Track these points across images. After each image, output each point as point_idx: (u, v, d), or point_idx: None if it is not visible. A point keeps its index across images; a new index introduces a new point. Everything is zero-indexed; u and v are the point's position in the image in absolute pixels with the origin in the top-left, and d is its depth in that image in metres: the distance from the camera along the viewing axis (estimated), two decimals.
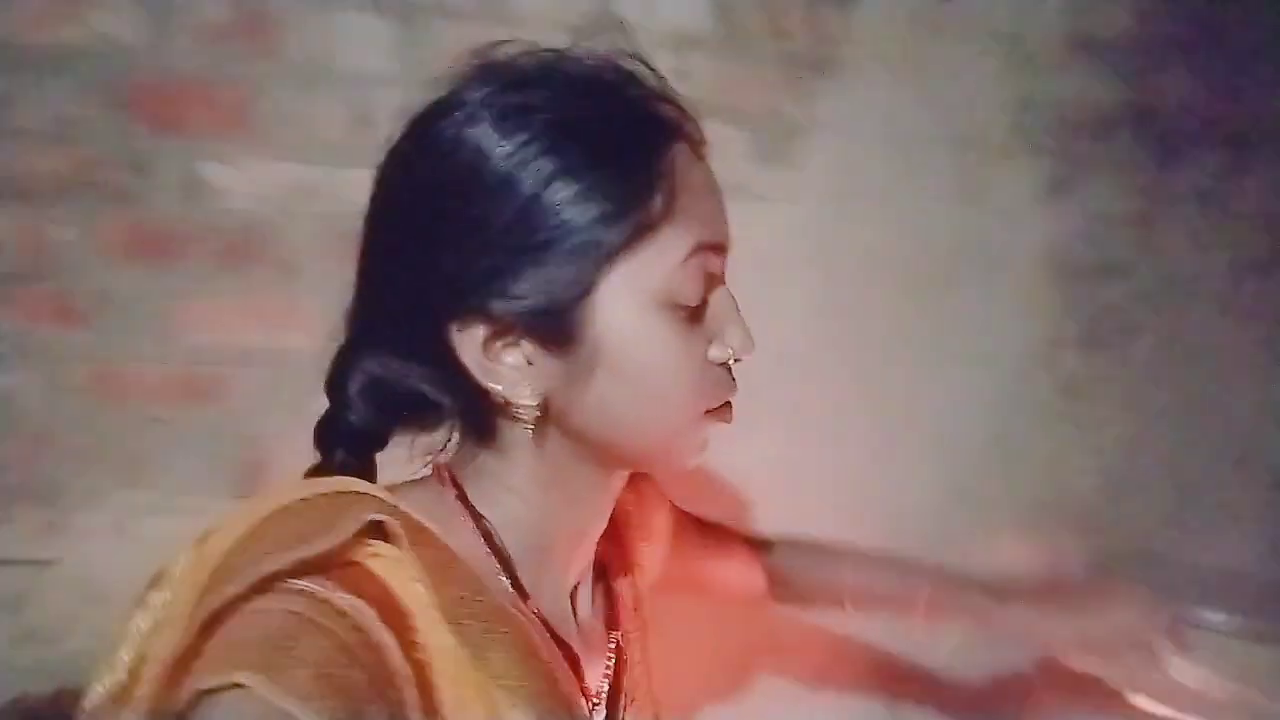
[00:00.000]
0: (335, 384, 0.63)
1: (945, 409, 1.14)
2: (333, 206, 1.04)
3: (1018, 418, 1.15)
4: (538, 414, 0.57)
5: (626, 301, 0.55)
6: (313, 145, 1.03)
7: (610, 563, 0.72)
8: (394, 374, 0.59)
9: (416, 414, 0.61)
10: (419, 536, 0.55)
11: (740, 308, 0.61)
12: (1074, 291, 1.14)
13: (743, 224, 1.09)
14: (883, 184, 1.11)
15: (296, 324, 1.04)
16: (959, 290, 1.13)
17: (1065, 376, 1.16)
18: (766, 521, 1.11)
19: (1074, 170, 1.12)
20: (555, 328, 0.55)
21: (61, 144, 1.00)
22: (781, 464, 1.11)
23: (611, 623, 0.69)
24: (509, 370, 0.56)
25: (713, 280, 0.59)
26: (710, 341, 0.59)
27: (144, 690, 0.50)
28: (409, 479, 0.64)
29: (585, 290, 0.54)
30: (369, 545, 0.54)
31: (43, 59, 0.99)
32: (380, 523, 0.54)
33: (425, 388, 0.58)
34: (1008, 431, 1.15)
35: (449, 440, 0.63)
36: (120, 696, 0.53)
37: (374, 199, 0.61)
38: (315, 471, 0.62)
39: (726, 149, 1.09)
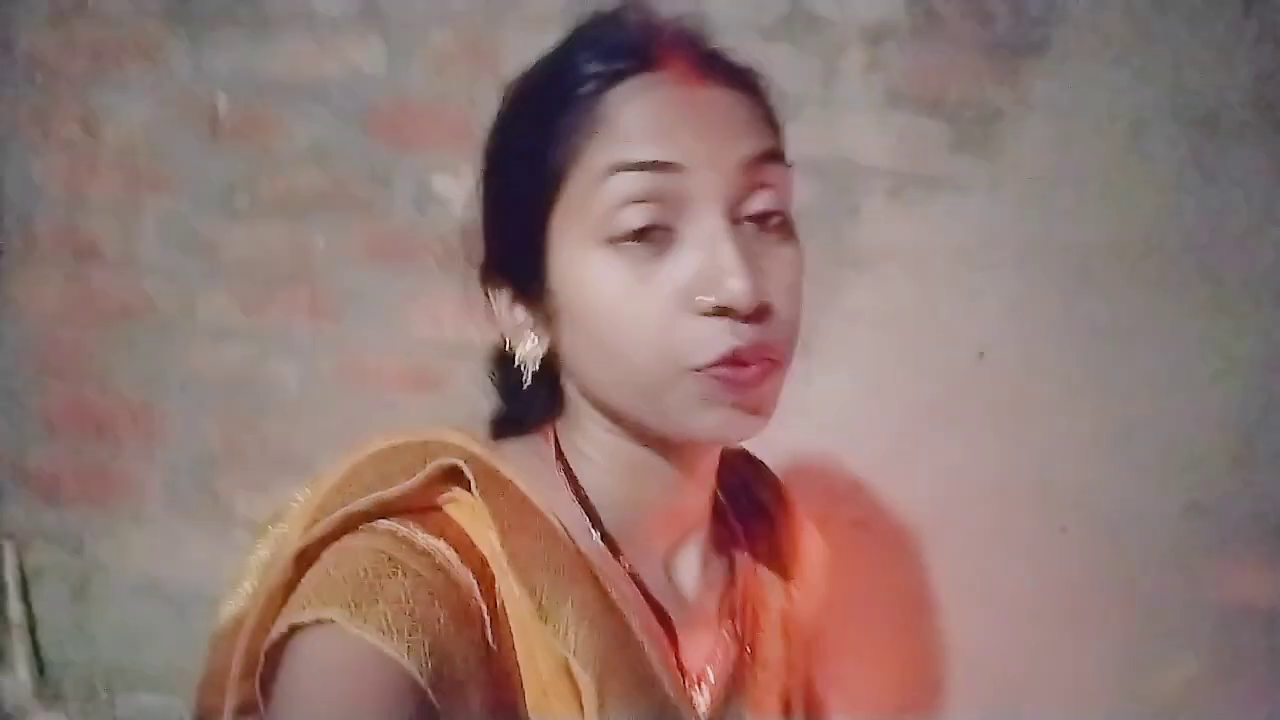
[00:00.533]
0: (496, 381, 0.68)
1: (1179, 416, 1.04)
2: None
3: (1263, 424, 1.03)
4: (534, 370, 0.59)
5: (569, 242, 0.55)
6: None
7: (751, 559, 0.69)
8: (514, 391, 0.63)
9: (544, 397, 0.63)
10: (494, 485, 0.55)
11: (741, 257, 0.53)
12: None
13: (941, 217, 1.09)
14: (1099, 170, 1.04)
15: None
16: (1190, 285, 1.03)
17: None
18: (973, 531, 1.06)
19: None
20: (524, 283, 0.58)
21: (317, 164, 1.16)
22: (983, 469, 1.06)
23: (731, 612, 0.66)
24: (514, 327, 0.59)
25: (671, 207, 0.53)
26: (698, 287, 0.53)
27: (246, 627, 0.52)
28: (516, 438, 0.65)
29: (536, 243, 0.56)
30: (449, 491, 0.55)
31: (303, 91, 1.15)
32: (462, 471, 0.55)
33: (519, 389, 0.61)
34: (1252, 440, 1.03)
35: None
36: (241, 622, 0.55)
37: None
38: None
39: (926, 140, 1.07)
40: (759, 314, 0.53)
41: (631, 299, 0.53)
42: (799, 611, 0.72)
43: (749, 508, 0.71)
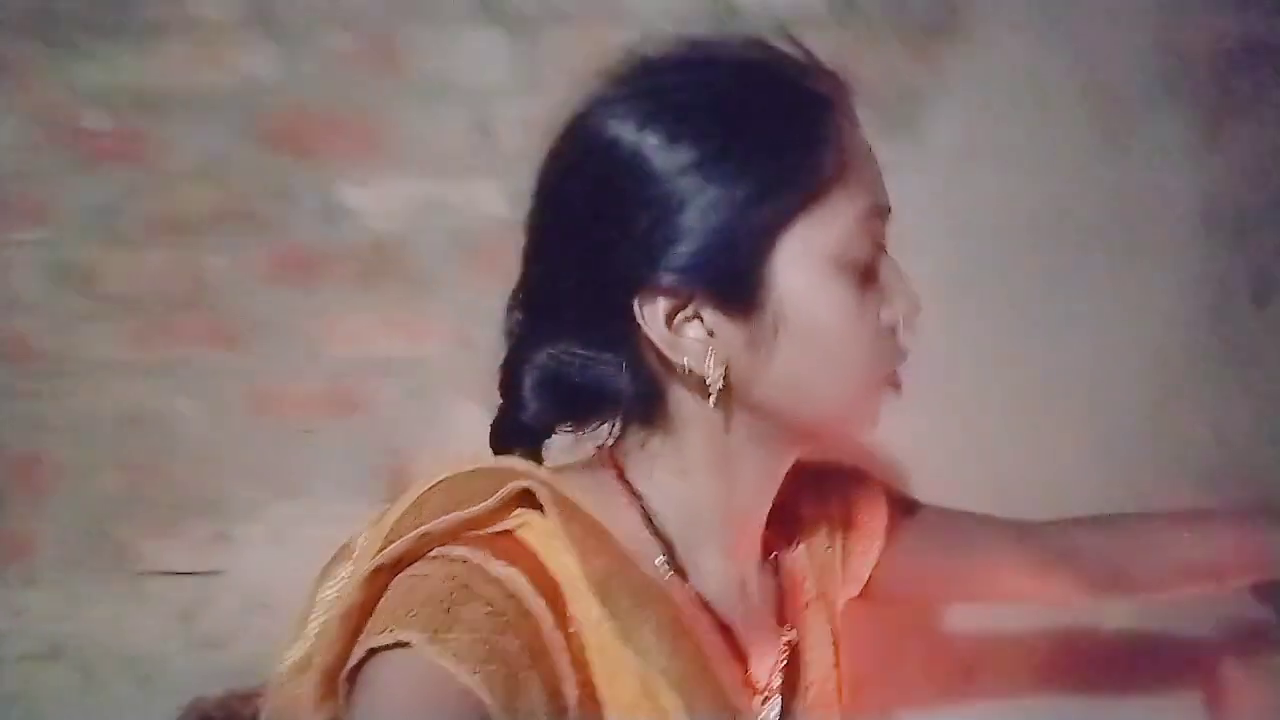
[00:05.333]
0: (509, 384, 0.63)
1: (1098, 376, 1.06)
2: (458, 220, 1.07)
3: (1178, 382, 1.06)
4: (722, 386, 0.57)
5: (804, 264, 0.56)
6: (437, 161, 1.07)
7: (790, 562, 0.71)
8: (570, 367, 0.60)
9: (586, 406, 0.62)
10: (568, 509, 0.56)
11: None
12: (1235, 243, 1.05)
13: None
14: (1018, 145, 1.06)
15: (429, 334, 1.07)
16: (1108, 250, 1.06)
17: (1229, 337, 1.06)
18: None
19: (1229, 113, 1.03)
20: (734, 295, 0.56)
21: (210, 180, 1.08)
22: (922, 438, 1.06)
23: (784, 618, 0.68)
24: (692, 343, 0.57)
25: (879, 244, 0.60)
26: (880, 306, 0.59)
27: (321, 657, 0.53)
28: (572, 462, 0.65)
29: (761, 256, 0.56)
30: (521, 516, 0.56)
31: (189, 103, 1.07)
32: (533, 495, 0.56)
33: (603, 374, 0.59)
34: (1167, 397, 1.07)
35: (612, 427, 0.64)
36: (306, 664, 0.56)
37: (538, 200, 0.63)
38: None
39: None
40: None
41: (857, 318, 0.57)
42: (842, 596, 0.75)
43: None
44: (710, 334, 0.57)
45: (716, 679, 0.58)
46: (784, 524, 0.70)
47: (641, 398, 0.60)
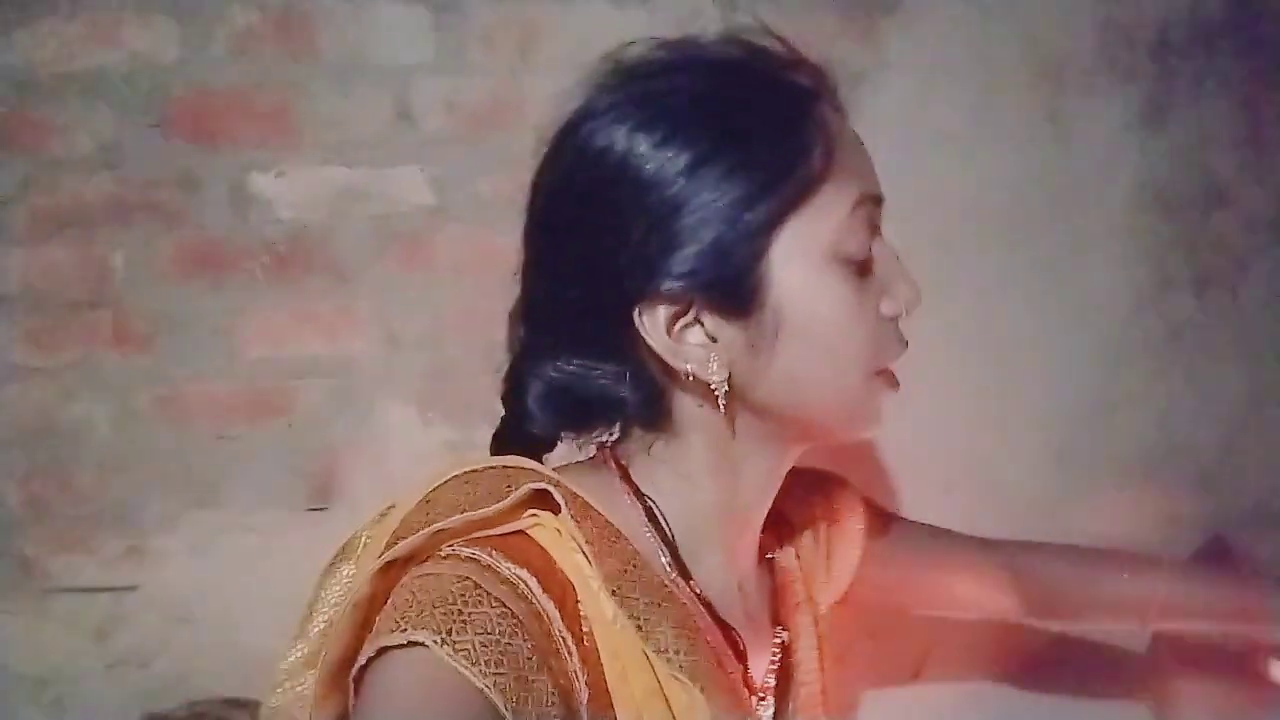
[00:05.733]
0: (513, 396, 0.64)
1: (1041, 364, 1.06)
2: (380, 207, 1.01)
3: (1122, 369, 1.06)
4: (727, 388, 0.57)
5: (799, 261, 0.56)
6: (355, 145, 1.00)
7: (780, 563, 0.71)
8: (574, 378, 0.60)
9: (590, 416, 0.63)
10: (582, 509, 0.56)
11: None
12: (1177, 226, 1.04)
13: None
14: (956, 125, 1.03)
15: (353, 330, 1.02)
16: (1049, 234, 1.04)
17: (1173, 321, 1.06)
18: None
19: (1169, 93, 1.02)
20: (733, 297, 0.56)
21: (108, 168, 1.00)
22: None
23: (777, 619, 0.68)
24: (695, 349, 0.57)
25: (875, 234, 0.59)
26: (880, 297, 0.59)
27: (330, 652, 0.53)
28: (574, 462, 0.66)
29: (756, 257, 0.55)
30: (533, 515, 0.56)
31: (81, 85, 0.98)
32: (545, 495, 0.56)
33: (606, 384, 0.59)
34: (1112, 385, 1.06)
35: (612, 431, 0.64)
36: (312, 662, 0.56)
37: (533, 210, 0.62)
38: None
39: None
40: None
41: (856, 310, 0.57)
42: (826, 599, 0.76)
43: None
44: (712, 339, 0.57)
45: (726, 674, 0.59)
46: (775, 526, 0.70)
47: (645, 405, 0.60)
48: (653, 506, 0.61)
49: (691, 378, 0.57)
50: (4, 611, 1.01)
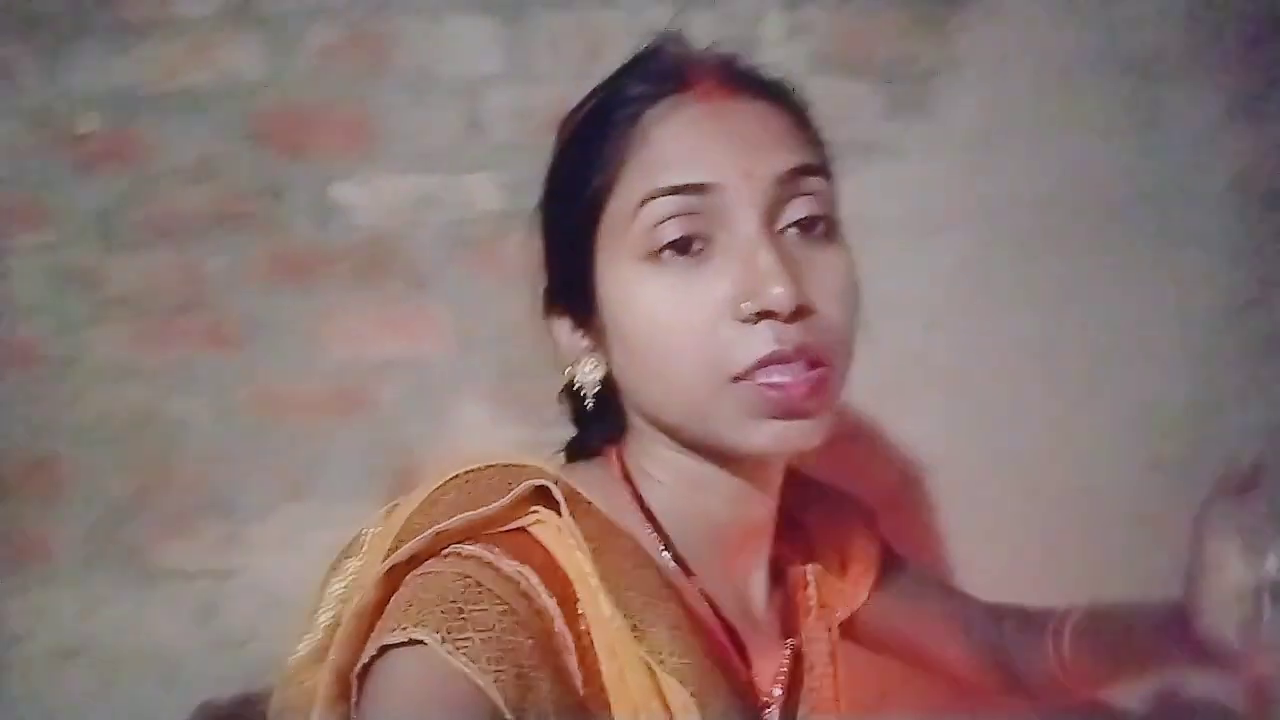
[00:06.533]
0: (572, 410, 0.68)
1: (1131, 369, 1.01)
2: (453, 213, 1.04)
3: (1217, 375, 1.01)
4: (594, 394, 0.61)
5: (612, 263, 0.57)
6: (429, 154, 1.04)
7: (792, 572, 0.71)
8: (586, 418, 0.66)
9: (609, 422, 0.65)
10: (580, 506, 0.56)
11: (778, 260, 0.54)
12: (1276, 224, 0.99)
13: (880, 185, 1.04)
14: (1036, 123, 1.00)
15: (429, 331, 1.06)
16: (1137, 233, 1.00)
17: (1270, 323, 1.00)
18: (939, 500, 1.03)
19: (1263, 85, 0.96)
20: (578, 306, 0.60)
21: (204, 181, 1.06)
22: (946, 437, 1.03)
23: (789, 630, 0.68)
24: (573, 353, 0.62)
25: (704, 224, 0.55)
26: (738, 295, 0.54)
27: (337, 657, 0.53)
28: (584, 460, 0.67)
29: (583, 267, 0.58)
30: (534, 513, 0.56)
31: (179, 103, 1.05)
32: (546, 493, 0.56)
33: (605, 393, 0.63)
34: (1207, 391, 1.01)
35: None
36: (318, 656, 0.56)
37: None
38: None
39: (855, 106, 1.01)
40: (800, 316, 0.54)
41: (672, 310, 0.55)
42: (842, 606, 0.75)
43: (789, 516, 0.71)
44: (583, 345, 0.61)
45: (726, 678, 0.58)
46: (793, 538, 0.70)
47: (616, 413, 0.63)
48: (651, 506, 0.61)
49: (570, 379, 0.62)
50: (114, 593, 1.10)
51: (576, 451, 0.68)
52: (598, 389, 0.61)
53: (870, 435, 1.04)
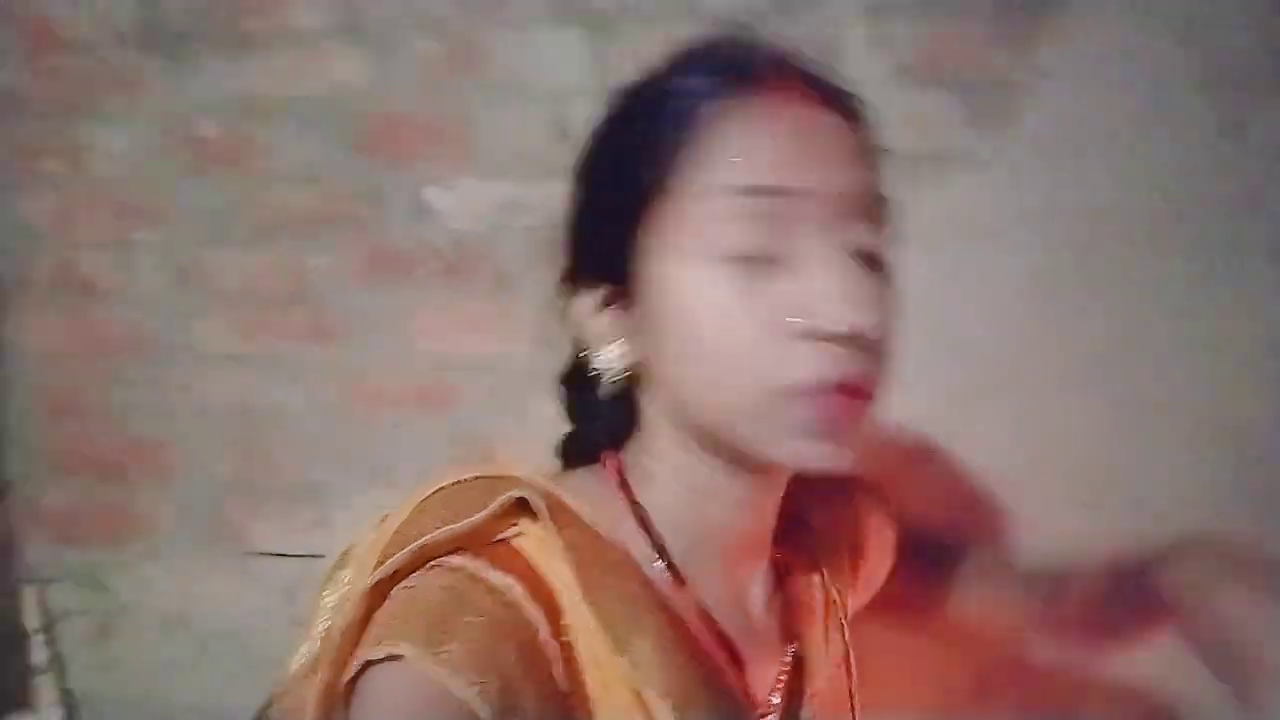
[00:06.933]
0: (569, 412, 0.69)
1: (1215, 385, 0.99)
2: (537, 219, 1.08)
3: None
4: (622, 377, 0.59)
5: (667, 255, 0.55)
6: (517, 162, 1.08)
7: (796, 573, 0.69)
8: (589, 410, 0.64)
9: (613, 424, 0.63)
10: (563, 517, 0.55)
11: (852, 277, 0.54)
12: None
13: (959, 195, 1.04)
14: (1121, 136, 0.99)
15: (510, 331, 1.10)
16: (1224, 251, 0.98)
17: None
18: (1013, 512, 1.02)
19: None
20: (617, 287, 0.58)
21: (309, 184, 1.13)
22: (1017, 450, 1.02)
23: (789, 635, 0.66)
24: (597, 333, 0.60)
25: (782, 230, 0.53)
26: (799, 310, 0.53)
27: (324, 674, 0.52)
28: (581, 469, 0.65)
29: (627, 246, 0.56)
30: (516, 524, 0.55)
31: (290, 110, 1.12)
32: (529, 504, 0.55)
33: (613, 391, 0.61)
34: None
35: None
36: (313, 667, 0.56)
37: None
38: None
39: (937, 116, 1.02)
40: (855, 343, 0.53)
41: (730, 317, 0.53)
42: (858, 595, 0.74)
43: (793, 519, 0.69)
44: (613, 329, 0.59)
45: (715, 690, 0.57)
46: (795, 535, 0.69)
47: (628, 413, 0.61)
48: (647, 514, 0.59)
49: (589, 361, 0.60)
50: (211, 570, 1.17)
51: (572, 452, 0.67)
52: (619, 375, 0.59)
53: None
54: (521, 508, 0.55)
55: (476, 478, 0.58)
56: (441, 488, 0.58)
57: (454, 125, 1.10)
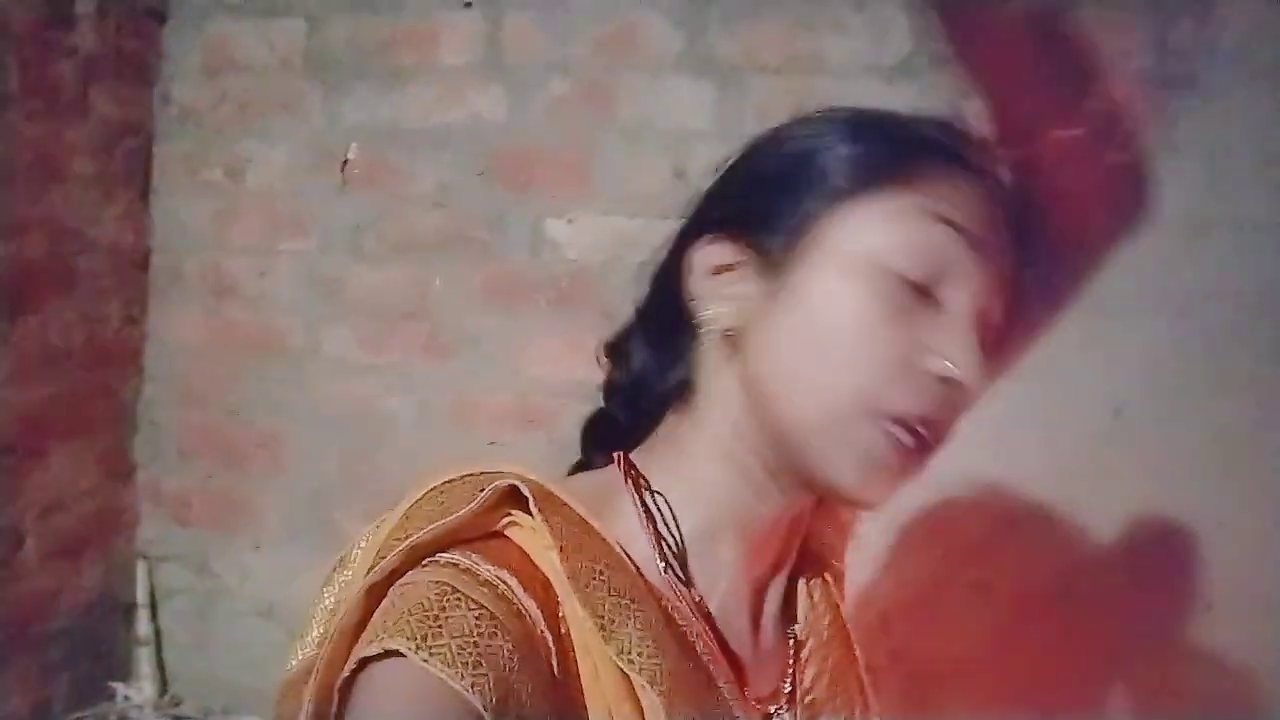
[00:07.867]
0: (608, 388, 0.68)
1: None
2: (650, 255, 1.11)
3: None
4: (724, 332, 0.58)
5: (842, 250, 0.55)
6: (635, 199, 1.12)
7: (804, 578, 0.67)
8: (650, 366, 0.64)
9: (645, 411, 0.63)
10: (552, 506, 0.55)
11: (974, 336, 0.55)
12: None
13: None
14: (1253, 211, 0.96)
15: None
16: None
17: None
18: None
19: None
20: (770, 254, 0.57)
21: (439, 208, 1.20)
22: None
23: (789, 619, 0.65)
24: (712, 287, 0.58)
25: (947, 272, 0.55)
26: (924, 344, 0.54)
27: (319, 666, 0.53)
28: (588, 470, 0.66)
29: (804, 222, 0.56)
30: (509, 516, 0.56)
31: (430, 138, 1.20)
32: (521, 497, 0.55)
33: (661, 375, 0.62)
34: None
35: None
36: (310, 669, 0.55)
37: None
38: (573, 470, 0.67)
39: None
40: (957, 392, 0.55)
41: (874, 333, 0.54)
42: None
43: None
44: (741, 289, 0.57)
45: (707, 683, 0.56)
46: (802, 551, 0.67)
47: (676, 393, 0.61)
48: (653, 508, 0.59)
49: (694, 309, 0.59)
50: (308, 564, 1.21)
51: (593, 439, 0.68)
52: (716, 334, 0.58)
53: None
54: (514, 499, 0.56)
55: (466, 476, 0.58)
56: (432, 489, 0.58)
57: (579, 161, 1.15)
